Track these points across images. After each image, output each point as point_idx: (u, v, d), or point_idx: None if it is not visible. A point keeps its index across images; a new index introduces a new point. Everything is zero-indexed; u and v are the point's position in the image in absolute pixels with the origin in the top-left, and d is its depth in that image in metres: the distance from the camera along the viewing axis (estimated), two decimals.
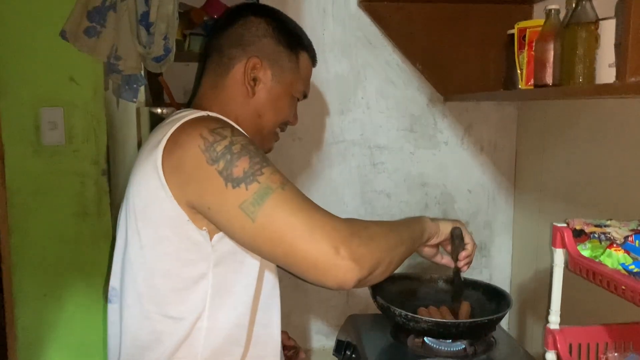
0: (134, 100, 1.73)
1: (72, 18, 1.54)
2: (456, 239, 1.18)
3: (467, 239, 1.18)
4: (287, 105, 1.09)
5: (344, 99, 1.57)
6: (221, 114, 0.99)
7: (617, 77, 0.85)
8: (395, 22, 1.52)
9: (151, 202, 0.92)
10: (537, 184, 1.54)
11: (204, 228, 0.92)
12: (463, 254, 1.19)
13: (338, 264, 0.84)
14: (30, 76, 1.55)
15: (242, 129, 0.99)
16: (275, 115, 1.07)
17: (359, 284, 0.89)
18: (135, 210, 0.95)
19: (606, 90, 0.86)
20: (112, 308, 1.05)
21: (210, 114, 0.97)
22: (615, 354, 0.99)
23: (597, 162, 1.28)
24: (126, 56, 1.60)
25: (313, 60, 1.14)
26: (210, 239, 0.93)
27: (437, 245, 1.19)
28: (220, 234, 0.94)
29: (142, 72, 1.71)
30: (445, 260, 1.24)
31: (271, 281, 1.05)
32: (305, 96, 1.13)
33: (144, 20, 1.57)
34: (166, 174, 0.89)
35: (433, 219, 1.14)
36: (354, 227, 0.90)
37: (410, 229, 1.05)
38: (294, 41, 1.09)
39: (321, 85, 1.55)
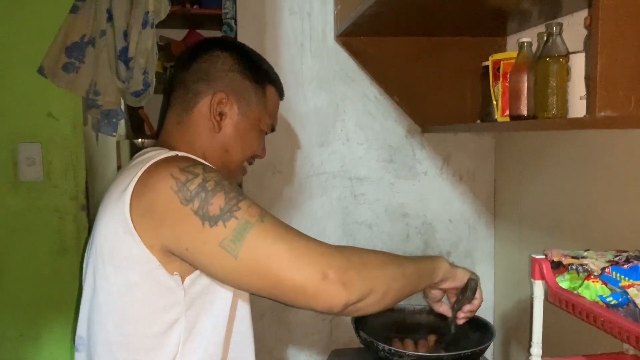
0: (114, 134, 1.72)
1: (51, 54, 1.54)
2: (469, 291, 1.13)
3: (478, 294, 1.15)
4: (255, 139, 1.08)
5: (324, 131, 1.58)
6: (188, 151, 0.97)
7: (587, 111, 0.86)
8: (372, 56, 1.55)
9: (119, 247, 0.89)
10: (516, 213, 1.56)
11: (175, 273, 0.89)
12: (468, 307, 1.16)
13: (326, 287, 0.83)
14: (7, 112, 1.54)
15: (211, 164, 0.97)
16: (242, 149, 1.06)
17: (350, 309, 0.87)
18: (104, 255, 0.91)
19: (577, 124, 0.88)
20: (79, 357, 1.00)
21: (179, 153, 0.94)
22: None
23: (573, 191, 1.29)
24: (105, 91, 1.60)
25: (280, 93, 1.13)
26: (182, 283, 0.91)
27: (444, 291, 1.16)
28: (192, 276, 0.92)
29: (122, 106, 1.71)
30: (443, 308, 1.21)
31: (243, 319, 1.03)
32: (272, 129, 1.12)
33: (123, 56, 1.58)
34: (135, 219, 0.86)
35: (453, 265, 1.10)
36: (345, 252, 0.89)
37: (418, 266, 1.02)
38: (261, 75, 1.08)
39: (301, 118, 1.56)
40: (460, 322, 1.20)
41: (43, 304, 1.57)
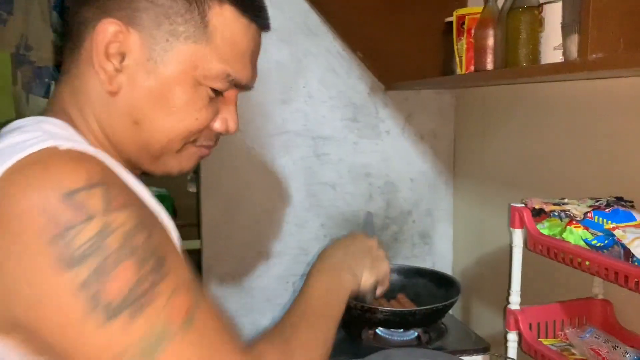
0: (45, 96, 1.58)
1: None
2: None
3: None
4: (192, 101, 0.64)
5: (286, 88, 1.52)
6: (87, 125, 0.65)
7: (578, 54, 0.86)
8: (335, 9, 1.49)
9: None
10: (476, 170, 1.57)
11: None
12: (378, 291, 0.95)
13: None
14: None
15: (121, 145, 0.66)
16: (167, 120, 0.64)
17: None
18: None
19: (569, 67, 0.87)
20: None
21: (66, 146, 0.54)
22: (573, 330, 1.01)
23: (535, 146, 1.31)
24: (38, 45, 1.47)
25: (251, 15, 0.66)
26: None
27: None
28: None
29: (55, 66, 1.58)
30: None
31: None
32: (239, 84, 0.68)
33: (58, 6, 1.44)
34: None
35: (354, 269, 0.88)
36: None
37: (337, 310, 0.82)
38: None
39: (261, 73, 1.47)
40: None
41: None
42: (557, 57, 1.03)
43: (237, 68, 0.66)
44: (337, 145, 1.57)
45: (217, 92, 0.66)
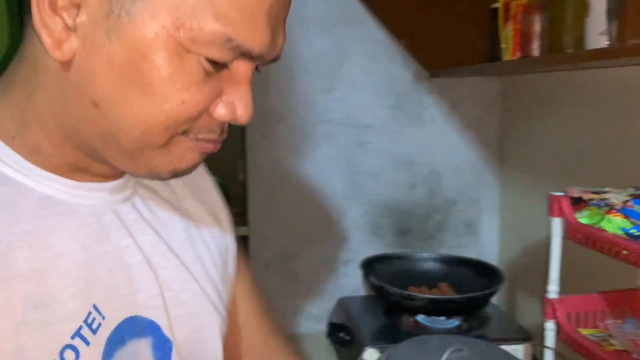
0: None
1: None
2: None
3: None
4: (176, 76, 0.45)
5: (328, 77, 1.54)
6: (16, 115, 0.49)
7: (616, 40, 0.84)
8: None
9: None
10: (523, 159, 1.54)
11: None
12: None
13: None
14: None
15: (81, 139, 0.49)
16: (139, 103, 0.46)
17: None
18: None
19: (604, 54, 0.85)
20: None
21: None
22: (613, 321, 0.99)
23: (583, 134, 1.28)
24: None
25: None
26: None
27: None
28: None
29: None
30: None
31: None
32: (250, 54, 0.48)
33: None
34: None
35: None
36: None
37: None
38: None
39: (305, 63, 1.51)
40: None
41: None
42: (602, 42, 1.00)
43: (242, 29, 0.45)
44: (379, 134, 1.58)
45: (218, 65, 0.47)
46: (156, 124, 0.46)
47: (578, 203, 0.96)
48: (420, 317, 1.35)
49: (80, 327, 0.48)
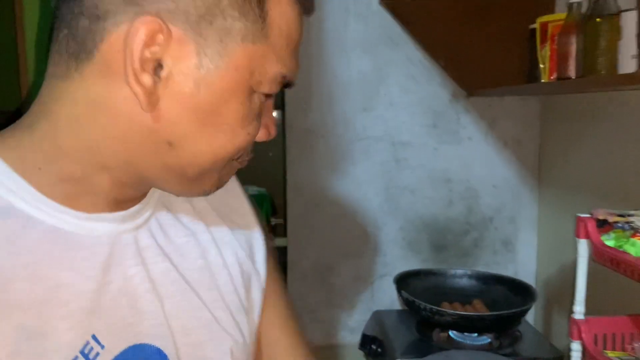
0: None
1: None
2: None
3: None
4: (246, 114, 0.52)
5: (367, 96, 1.59)
6: (75, 155, 0.51)
7: (639, 66, 0.85)
8: (417, 18, 1.54)
9: None
10: (561, 178, 1.54)
11: None
12: None
13: None
14: None
15: (146, 172, 0.53)
16: (214, 140, 0.51)
17: None
18: None
19: (628, 79, 0.87)
20: None
21: None
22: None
23: (620, 155, 1.27)
24: None
25: (304, 4, 0.54)
26: None
27: None
28: None
29: None
30: None
31: None
32: (288, 84, 0.55)
33: None
34: None
35: None
36: None
37: None
38: None
39: (344, 83, 1.57)
40: None
41: None
42: (634, 65, 1.01)
43: (291, 66, 0.53)
44: (416, 151, 1.61)
45: (268, 97, 0.54)
46: (226, 155, 0.53)
47: (604, 225, 0.97)
48: (452, 333, 1.37)
49: (76, 357, 0.49)
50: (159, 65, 0.48)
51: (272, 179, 1.96)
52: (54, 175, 0.51)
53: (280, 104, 1.57)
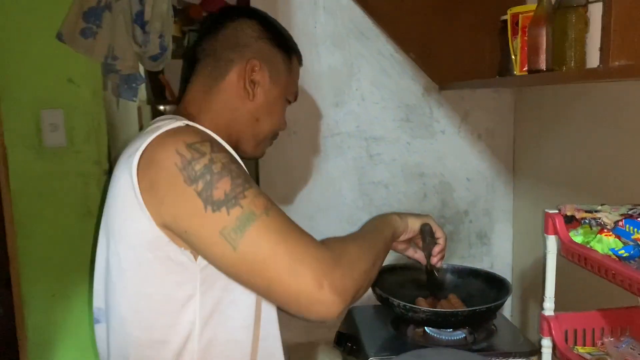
0: (134, 99, 1.74)
1: (68, 19, 1.55)
2: (427, 236, 1.18)
3: (438, 234, 1.20)
4: (282, 108, 1.08)
5: (338, 91, 1.57)
6: (213, 120, 0.99)
7: (600, 61, 0.84)
8: (387, 12, 1.52)
9: (129, 223, 0.86)
10: (535, 170, 1.54)
11: (186, 249, 0.86)
12: (436, 249, 1.22)
13: (321, 299, 0.79)
14: (29, 78, 1.56)
15: (238, 134, 1.02)
16: (271, 119, 1.05)
17: (342, 313, 0.85)
18: (114, 230, 0.90)
19: (590, 75, 0.86)
20: (100, 327, 1.00)
21: (190, 124, 0.90)
22: (611, 339, 0.99)
23: (594, 146, 1.27)
24: (123, 56, 1.61)
25: (301, 62, 1.14)
26: (195, 260, 0.87)
27: (408, 241, 1.20)
28: None
29: (141, 71, 1.72)
30: (418, 255, 1.25)
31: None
32: (295, 98, 1.13)
33: (139, 20, 1.58)
34: (142, 192, 0.83)
35: (401, 215, 1.14)
36: (335, 253, 0.84)
37: (383, 235, 1.05)
38: (286, 43, 1.08)
39: (315, 78, 1.55)
40: (438, 265, 1.27)
41: (72, 265, 1.62)
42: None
43: (297, 89, 1.12)
44: (389, 146, 1.60)
45: (289, 103, 1.11)
46: (274, 129, 1.08)
47: (572, 221, 0.97)
48: (429, 329, 1.36)
49: None
50: (257, 81, 1.02)
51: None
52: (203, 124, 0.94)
53: None
